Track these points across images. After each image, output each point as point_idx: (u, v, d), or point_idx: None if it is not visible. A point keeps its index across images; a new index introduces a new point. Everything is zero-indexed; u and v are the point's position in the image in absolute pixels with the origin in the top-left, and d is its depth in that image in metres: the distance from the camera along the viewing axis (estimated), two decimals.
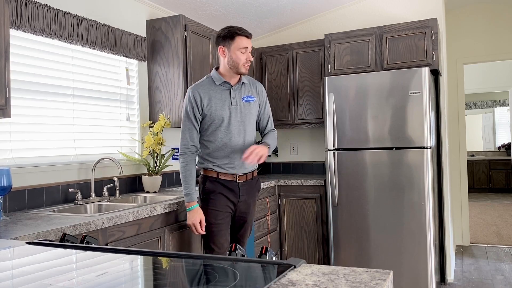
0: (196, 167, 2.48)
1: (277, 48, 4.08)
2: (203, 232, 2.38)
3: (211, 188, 2.43)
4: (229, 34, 2.36)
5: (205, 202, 2.44)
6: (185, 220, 2.57)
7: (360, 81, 3.37)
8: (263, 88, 2.59)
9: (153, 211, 2.28)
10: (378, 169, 3.31)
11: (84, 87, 2.77)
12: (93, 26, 2.71)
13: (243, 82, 2.47)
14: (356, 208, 3.37)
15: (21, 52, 2.36)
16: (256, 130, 2.59)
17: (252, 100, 2.48)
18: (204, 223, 2.37)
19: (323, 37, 4.12)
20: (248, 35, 2.38)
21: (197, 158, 2.50)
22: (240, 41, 2.36)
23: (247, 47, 2.37)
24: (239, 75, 2.44)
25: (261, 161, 2.36)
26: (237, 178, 2.44)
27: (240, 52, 2.36)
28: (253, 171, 2.53)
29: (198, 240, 2.72)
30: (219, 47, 2.40)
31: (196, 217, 2.35)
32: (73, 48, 2.68)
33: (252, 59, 2.42)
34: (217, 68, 2.46)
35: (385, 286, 0.85)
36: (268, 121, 2.60)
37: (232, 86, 2.43)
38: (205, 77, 2.48)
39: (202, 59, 3.32)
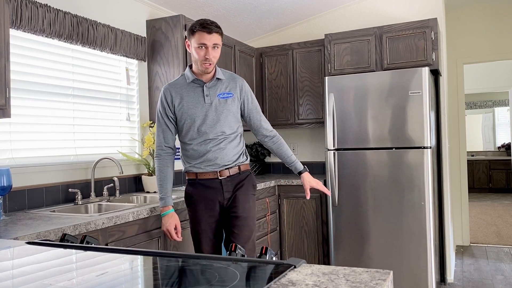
0: (183, 171, 2.38)
1: (277, 48, 4.08)
2: (179, 239, 2.25)
3: (191, 192, 2.30)
4: (191, 28, 2.19)
5: (188, 208, 2.33)
6: (185, 220, 2.57)
7: (360, 81, 3.37)
8: (245, 82, 2.37)
9: (153, 211, 2.28)
10: (378, 169, 3.31)
11: (84, 87, 2.77)
12: (93, 26, 2.71)
13: (217, 78, 2.27)
14: (356, 208, 3.37)
15: (21, 52, 2.36)
16: (251, 130, 2.44)
17: (230, 96, 2.28)
18: (179, 229, 2.25)
19: (323, 37, 4.12)
20: (209, 31, 2.15)
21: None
22: (199, 36, 2.15)
23: (204, 44, 2.14)
24: (213, 72, 2.27)
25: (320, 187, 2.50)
26: (218, 174, 2.25)
27: (197, 48, 2.16)
28: (238, 165, 2.30)
29: None
30: (186, 41, 2.26)
31: (170, 222, 2.22)
32: (73, 48, 2.68)
33: (213, 55, 2.17)
34: (191, 66, 2.32)
35: (385, 286, 0.85)
36: (258, 117, 2.39)
37: (205, 83, 2.25)
38: (179, 75, 2.37)
39: None
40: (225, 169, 2.26)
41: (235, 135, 2.31)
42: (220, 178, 2.26)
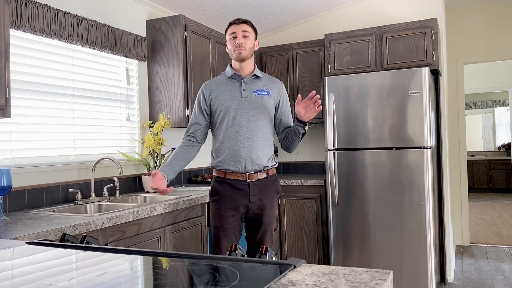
0: (210, 166, 2.45)
1: (277, 48, 4.08)
2: (163, 188, 2.23)
3: (217, 190, 2.35)
4: (226, 29, 2.41)
5: (212, 204, 2.38)
6: (184, 220, 2.58)
7: (360, 81, 3.37)
8: (283, 86, 2.49)
9: (153, 211, 2.28)
10: (378, 169, 3.30)
11: (84, 87, 2.77)
12: (93, 26, 2.71)
13: (256, 75, 2.40)
14: (356, 208, 3.37)
15: (21, 52, 2.36)
16: (276, 131, 2.48)
17: (267, 94, 2.38)
18: (160, 177, 2.23)
19: (323, 37, 4.12)
20: (237, 22, 2.35)
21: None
22: (229, 29, 2.38)
23: (234, 32, 2.34)
24: (252, 68, 2.40)
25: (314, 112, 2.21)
26: (247, 177, 2.30)
27: (230, 39, 2.37)
28: (267, 170, 2.36)
29: (198, 240, 2.72)
30: (226, 44, 2.44)
31: (153, 180, 2.22)
32: (73, 48, 2.68)
33: (243, 41, 2.33)
34: (231, 64, 2.47)
35: (385, 286, 0.85)
36: (289, 118, 2.48)
37: (243, 78, 2.38)
38: (220, 74, 2.52)
39: (202, 59, 3.32)
40: (254, 172, 2.32)
41: (267, 136, 2.38)
42: (249, 181, 2.31)
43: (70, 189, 2.51)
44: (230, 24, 2.38)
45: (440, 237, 3.74)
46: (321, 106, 2.20)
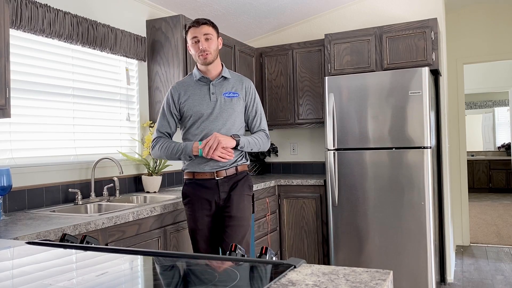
0: (181, 169, 2.40)
1: (277, 48, 4.08)
2: (228, 147, 2.20)
3: (188, 192, 2.31)
4: (185, 30, 2.30)
5: (185, 208, 2.33)
6: (184, 220, 2.57)
7: (360, 81, 3.37)
8: (252, 84, 2.41)
9: (153, 211, 2.28)
10: (378, 169, 3.30)
11: (84, 87, 2.77)
12: (93, 26, 2.71)
13: (224, 77, 2.32)
14: (356, 208, 3.37)
15: (21, 52, 2.36)
16: (246, 130, 2.44)
17: (235, 96, 2.31)
18: (220, 139, 2.18)
19: (323, 37, 4.12)
20: (197, 24, 2.24)
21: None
22: (189, 33, 2.27)
23: (196, 36, 2.24)
24: (219, 69, 2.33)
25: (221, 155, 2.18)
26: (215, 174, 2.26)
27: (192, 44, 2.27)
28: (236, 166, 2.31)
29: None
30: (187, 45, 2.34)
31: (209, 143, 2.17)
32: (73, 48, 2.68)
33: (206, 45, 2.23)
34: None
35: (385, 286, 0.85)
36: (256, 119, 2.39)
37: (211, 81, 2.31)
38: (188, 75, 2.43)
39: None
40: (222, 169, 2.28)
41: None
42: (217, 178, 2.27)
43: (70, 189, 2.51)
44: (189, 27, 2.27)
45: (440, 237, 3.74)
46: (228, 157, 2.18)
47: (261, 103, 2.45)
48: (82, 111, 2.76)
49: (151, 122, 3.18)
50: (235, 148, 2.26)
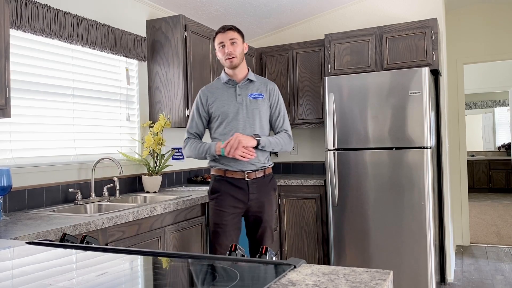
0: (208, 166, 2.55)
1: (277, 48, 4.08)
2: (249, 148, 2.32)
3: (217, 188, 2.43)
4: (213, 37, 2.50)
5: (212, 202, 2.45)
6: (184, 220, 2.58)
7: (360, 81, 3.37)
8: (276, 86, 2.57)
9: (153, 211, 2.28)
10: (378, 169, 3.30)
11: (84, 87, 2.77)
12: (93, 26, 2.71)
13: (249, 79, 2.49)
14: (356, 208, 3.37)
15: (21, 52, 2.36)
16: (271, 130, 2.59)
17: (261, 97, 2.48)
18: (243, 141, 2.31)
19: (323, 37, 4.12)
20: (221, 30, 2.43)
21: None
22: (217, 39, 2.46)
23: (222, 42, 2.42)
24: (245, 72, 2.50)
25: (242, 154, 2.29)
26: (246, 175, 2.41)
27: (219, 49, 2.45)
28: (264, 169, 2.47)
29: (198, 240, 2.72)
30: (216, 52, 2.51)
31: (230, 142, 2.30)
32: (73, 48, 2.68)
33: (232, 49, 2.40)
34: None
35: (385, 286, 0.85)
36: (279, 120, 2.54)
37: (238, 83, 2.47)
38: (216, 78, 2.61)
39: (202, 59, 3.32)
40: (252, 171, 2.43)
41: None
42: (247, 179, 2.41)
43: (70, 189, 2.51)
44: (216, 33, 2.45)
45: (440, 237, 3.74)
46: (250, 157, 2.32)
47: (284, 105, 2.60)
48: (82, 111, 2.76)
49: (151, 122, 3.18)
50: (256, 148, 2.38)
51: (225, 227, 2.37)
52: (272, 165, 2.55)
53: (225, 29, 2.42)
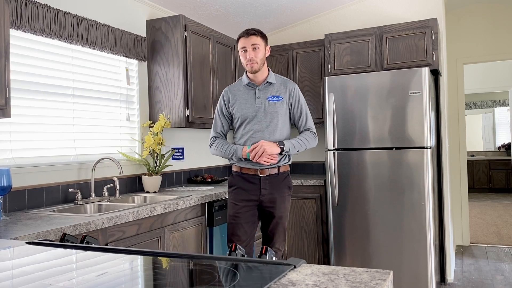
0: (229, 162, 2.65)
1: (277, 48, 4.08)
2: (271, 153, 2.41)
3: (232, 183, 2.57)
4: (237, 40, 2.55)
5: (229, 196, 2.59)
6: (184, 220, 2.58)
7: (360, 81, 3.37)
8: (296, 86, 2.62)
9: (153, 211, 2.28)
10: (378, 169, 3.30)
11: (84, 87, 2.77)
12: (93, 26, 2.71)
13: (269, 82, 2.55)
14: (356, 208, 3.37)
15: (21, 52, 2.36)
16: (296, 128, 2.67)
17: (279, 99, 2.54)
18: (264, 147, 2.40)
19: (323, 37, 4.12)
20: (244, 34, 2.49)
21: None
22: (239, 43, 2.52)
23: (244, 46, 2.48)
24: (265, 75, 2.55)
25: (266, 159, 2.40)
26: (259, 172, 2.50)
27: (241, 53, 2.52)
28: (278, 167, 2.54)
29: (198, 240, 2.72)
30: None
31: (256, 149, 2.40)
32: (73, 48, 2.68)
33: (253, 55, 2.46)
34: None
35: (385, 286, 0.85)
36: (302, 119, 2.60)
37: (258, 86, 2.54)
38: (238, 79, 2.68)
39: (202, 59, 3.32)
40: (266, 168, 2.51)
41: (282, 139, 2.56)
42: (260, 175, 2.51)
43: (70, 189, 2.51)
44: (239, 37, 2.51)
45: (440, 237, 3.74)
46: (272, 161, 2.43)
47: (306, 104, 2.66)
48: (82, 111, 2.76)
49: (151, 122, 3.18)
50: (280, 154, 2.49)
51: (238, 219, 2.49)
52: (290, 163, 2.62)
53: (248, 34, 2.47)
